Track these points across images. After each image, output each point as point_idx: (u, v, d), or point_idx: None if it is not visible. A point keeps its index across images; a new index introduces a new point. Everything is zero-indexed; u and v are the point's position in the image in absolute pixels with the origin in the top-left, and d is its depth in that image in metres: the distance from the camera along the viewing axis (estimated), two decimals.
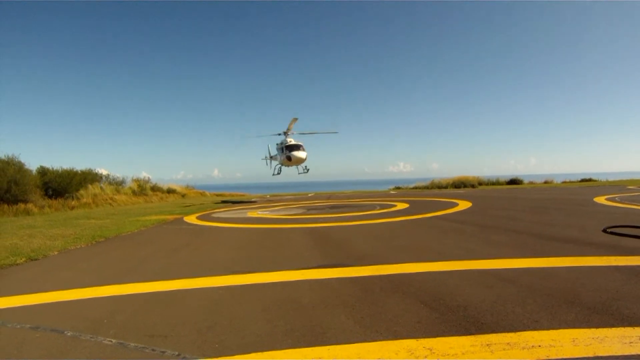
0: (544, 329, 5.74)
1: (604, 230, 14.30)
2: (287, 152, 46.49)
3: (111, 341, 6.08)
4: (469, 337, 5.63)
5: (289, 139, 47.84)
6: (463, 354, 5.12)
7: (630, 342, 5.21)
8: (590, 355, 4.91)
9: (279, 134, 50.03)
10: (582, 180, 71.24)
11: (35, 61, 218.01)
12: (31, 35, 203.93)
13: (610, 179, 71.21)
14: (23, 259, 12.76)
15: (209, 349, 5.67)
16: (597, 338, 5.35)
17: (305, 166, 49.93)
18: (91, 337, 6.22)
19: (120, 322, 6.93)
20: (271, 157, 54.88)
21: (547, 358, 4.88)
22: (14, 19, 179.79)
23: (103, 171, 52.48)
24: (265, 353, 5.45)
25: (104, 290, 9.12)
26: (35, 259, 12.99)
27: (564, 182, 69.69)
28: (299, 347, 5.57)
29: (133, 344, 5.91)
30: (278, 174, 52.34)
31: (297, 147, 46.66)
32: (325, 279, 9.43)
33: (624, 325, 5.75)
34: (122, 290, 9.09)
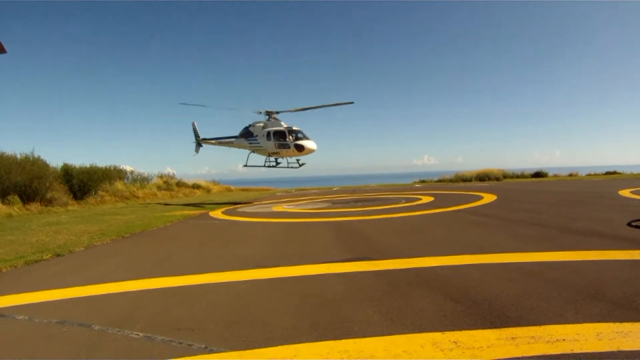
0: (568, 323, 5.73)
1: (629, 224, 14.18)
2: (293, 140, 37.59)
3: (138, 335, 6.17)
4: (493, 330, 5.66)
5: (282, 123, 38.98)
6: (488, 347, 5.14)
7: None
8: (614, 349, 4.91)
9: (259, 112, 39.62)
10: (607, 173, 69.96)
11: (59, 60, 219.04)
12: (51, 33, 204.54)
13: (635, 171, 70.08)
14: (49, 255, 12.91)
15: (235, 342, 5.73)
16: (621, 332, 5.35)
17: (298, 159, 40.12)
18: (118, 331, 6.32)
19: (147, 316, 7.05)
20: (232, 141, 41.34)
21: (571, 352, 4.89)
22: (33, 17, 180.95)
23: (128, 167, 52.13)
24: (292, 346, 5.50)
25: (130, 285, 9.26)
26: (61, 255, 13.14)
27: (589, 175, 68.56)
28: (325, 340, 5.62)
29: (160, 337, 5.99)
30: (273, 164, 41.06)
31: (304, 135, 38.41)
32: (351, 273, 9.49)
33: None
34: (148, 285, 9.22)
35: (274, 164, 40.98)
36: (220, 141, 42.43)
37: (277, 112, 39.56)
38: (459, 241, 12.87)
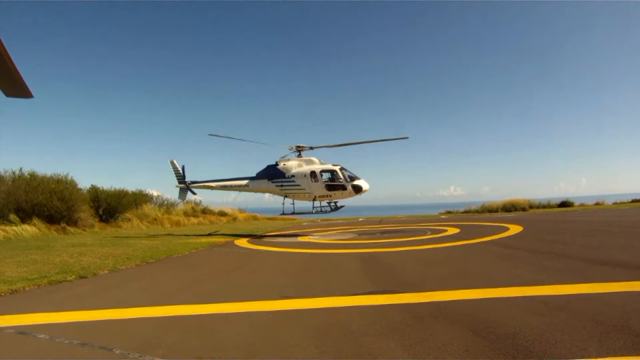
0: (592, 357, 5.69)
1: None
2: (348, 181, 32.52)
3: None
4: None
5: (318, 160, 33.93)
6: None
7: None
8: None
9: (291, 148, 34.36)
10: (634, 201, 69.71)
11: (88, 79, 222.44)
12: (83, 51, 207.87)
13: None
14: (73, 277, 13.08)
15: None
16: None
17: (336, 202, 34.25)
18: (139, 356, 6.40)
19: (169, 343, 7.10)
20: (244, 184, 35.24)
21: None
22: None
23: (154, 192, 53.17)
24: None
25: (153, 311, 9.39)
26: (85, 277, 13.29)
27: (615, 203, 68.33)
28: None
29: None
30: (327, 210, 34.54)
31: (354, 174, 33.12)
32: (375, 305, 9.46)
33: None
34: (171, 312, 9.34)
35: (328, 209, 34.22)
36: (224, 184, 35.47)
37: (311, 148, 34.25)
38: (484, 274, 12.82)
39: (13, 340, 7.26)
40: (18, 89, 5.61)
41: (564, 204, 67.81)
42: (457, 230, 30.20)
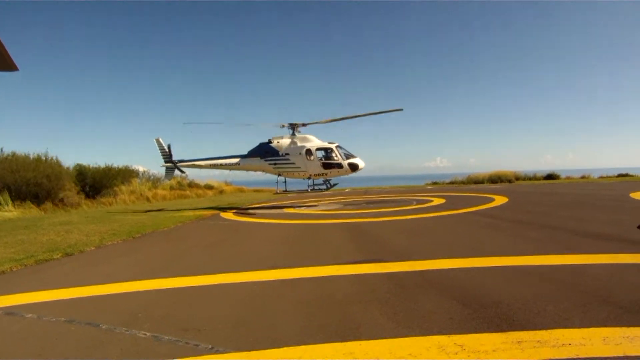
0: (575, 327, 5.73)
1: None
2: (345, 159, 32.20)
3: (145, 334, 6.23)
4: (500, 334, 5.67)
5: (314, 138, 33.16)
6: (494, 350, 5.15)
7: None
8: (620, 354, 4.90)
9: (283, 126, 33.06)
10: (619, 176, 69.75)
11: (76, 59, 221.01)
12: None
13: None
14: (59, 254, 13.00)
15: (242, 342, 5.78)
16: (628, 337, 5.34)
17: (330, 180, 33.74)
18: (126, 331, 6.39)
19: (155, 316, 7.11)
20: (235, 163, 33.63)
21: (577, 356, 4.89)
22: (45, 18, 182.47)
23: (140, 168, 52.35)
24: (298, 348, 5.54)
25: (139, 285, 9.34)
26: (72, 254, 13.27)
27: (601, 177, 68.52)
28: (331, 342, 5.66)
29: (167, 337, 6.04)
30: (323, 188, 34.09)
31: (349, 152, 32.75)
32: (361, 274, 9.54)
33: None
34: (158, 285, 9.31)
35: (324, 187, 33.87)
36: (214, 163, 33.79)
37: (304, 124, 33.25)
38: (469, 244, 12.92)
39: (1, 321, 7.23)
40: (3, 62, 5.61)
41: (550, 176, 68.06)
42: (442, 201, 30.40)
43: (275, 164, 32.61)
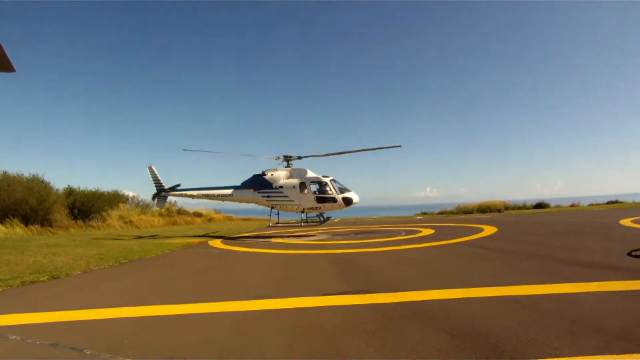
0: (565, 357, 5.68)
1: (629, 254, 14.19)
2: (339, 193, 31.79)
3: None
4: None
5: (308, 170, 32.69)
6: None
7: None
8: None
9: (278, 158, 33.44)
10: (609, 203, 70.28)
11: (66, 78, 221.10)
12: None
13: (638, 200, 70.47)
14: (46, 277, 12.96)
15: None
16: None
17: (323, 214, 33.69)
18: (110, 357, 6.29)
19: (140, 343, 7.02)
20: (228, 194, 33.64)
21: None
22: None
23: (130, 193, 52.53)
24: None
25: (125, 311, 9.27)
26: (58, 277, 13.22)
27: (591, 205, 68.89)
28: None
29: None
30: (316, 222, 33.98)
31: (344, 186, 32.34)
32: (348, 305, 9.46)
33: None
34: (144, 312, 9.23)
35: (317, 221, 33.66)
36: (206, 193, 33.70)
37: (299, 158, 33.23)
38: (457, 274, 12.85)
39: None
40: (1, 62, 5.58)
41: (540, 205, 68.21)
42: (431, 231, 30.27)
43: (268, 196, 32.31)
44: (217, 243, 26.56)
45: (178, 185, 34.38)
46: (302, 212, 33.00)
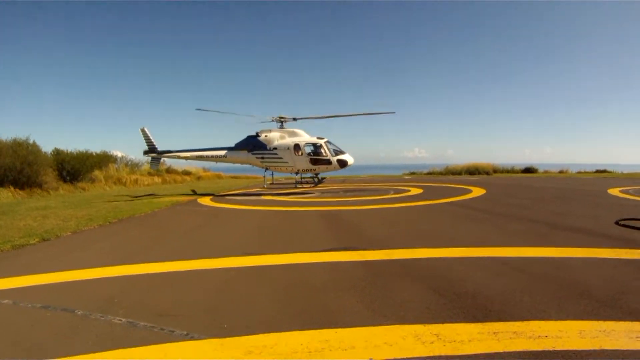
0: (551, 320, 5.75)
1: (617, 223, 14.26)
2: (334, 155, 31.72)
3: (121, 320, 6.16)
4: (476, 324, 5.66)
5: (303, 133, 32.82)
6: (469, 340, 5.14)
7: (637, 337, 5.22)
8: (597, 348, 4.91)
9: (272, 120, 32.81)
10: (597, 172, 70.20)
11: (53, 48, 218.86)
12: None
13: (626, 171, 70.47)
14: (36, 240, 12.83)
15: (217, 329, 5.73)
16: (604, 331, 5.36)
17: (318, 174, 33.77)
18: (101, 317, 6.30)
19: (131, 302, 7.05)
20: (222, 155, 33.41)
21: (553, 349, 4.89)
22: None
23: (118, 153, 52.18)
24: (273, 334, 5.50)
25: (115, 271, 9.22)
26: (48, 240, 13.07)
27: (579, 173, 68.67)
28: (306, 329, 5.62)
29: (142, 323, 5.98)
30: (311, 184, 35.16)
31: (339, 148, 32.29)
32: (337, 262, 9.53)
33: (631, 320, 5.75)
34: (133, 271, 9.20)
35: (312, 183, 34.77)
36: (200, 154, 33.56)
37: (294, 119, 33.03)
38: (446, 234, 12.94)
39: None
40: None
41: (528, 169, 68.25)
42: (420, 191, 30.46)
43: (262, 157, 32.27)
44: (206, 201, 26.56)
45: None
46: (297, 173, 33.25)
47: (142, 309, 6.66)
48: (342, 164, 31.91)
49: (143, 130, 33.63)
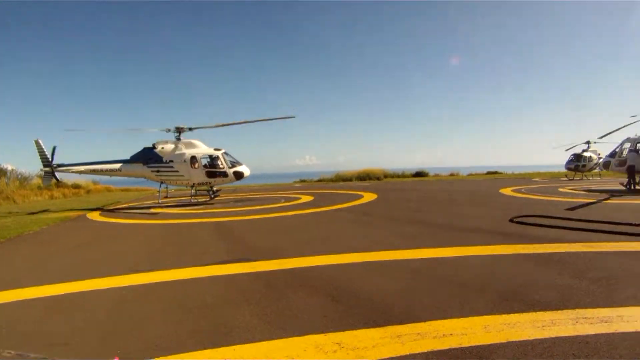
0: (454, 318, 5.79)
1: (511, 220, 14.82)
2: (230, 167, 31.35)
3: (10, 353, 5.77)
4: (377, 329, 5.58)
5: (200, 143, 32.13)
6: (373, 346, 5.02)
7: (542, 326, 5.31)
8: (503, 341, 4.93)
9: (169, 131, 31.80)
10: (488, 173, 73.46)
11: None
12: None
13: (516, 172, 73.46)
14: None
15: (111, 355, 5.44)
16: (508, 324, 5.41)
17: (213, 187, 33.04)
18: None
19: (21, 331, 6.46)
20: (116, 168, 31.54)
21: (460, 346, 4.85)
22: None
23: (8, 166, 50.70)
24: (169, 357, 5.26)
25: (2, 296, 8.67)
26: None
27: (470, 175, 71.69)
28: (204, 349, 5.38)
29: (33, 355, 5.63)
30: (208, 199, 32.97)
31: (235, 159, 32.16)
32: (230, 275, 9.40)
33: (535, 310, 5.87)
34: (22, 295, 8.48)
35: (207, 197, 33.02)
36: (94, 168, 31.44)
37: (190, 129, 32.07)
38: (339, 240, 13.07)
39: None
40: None
41: (419, 173, 70.66)
42: (311, 198, 30.93)
43: (158, 171, 30.98)
44: (95, 216, 25.57)
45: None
46: (192, 186, 31.96)
47: (32, 338, 6.14)
48: (239, 175, 31.58)
49: (37, 142, 31.27)
